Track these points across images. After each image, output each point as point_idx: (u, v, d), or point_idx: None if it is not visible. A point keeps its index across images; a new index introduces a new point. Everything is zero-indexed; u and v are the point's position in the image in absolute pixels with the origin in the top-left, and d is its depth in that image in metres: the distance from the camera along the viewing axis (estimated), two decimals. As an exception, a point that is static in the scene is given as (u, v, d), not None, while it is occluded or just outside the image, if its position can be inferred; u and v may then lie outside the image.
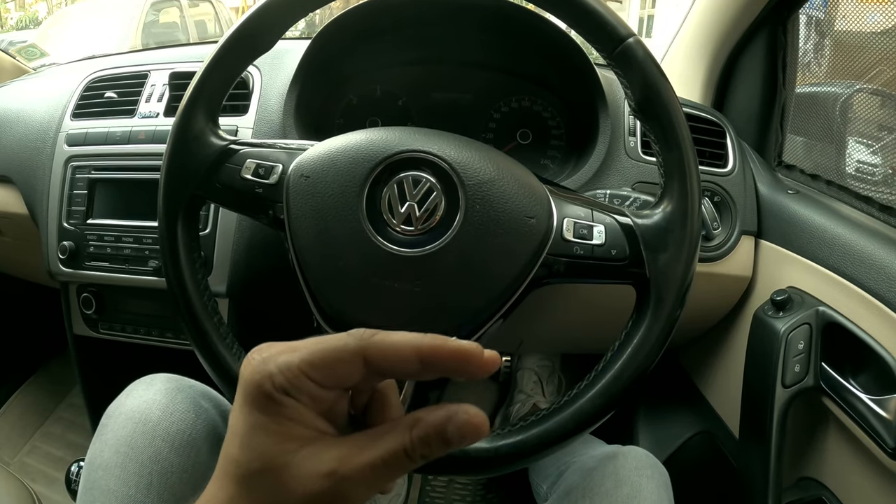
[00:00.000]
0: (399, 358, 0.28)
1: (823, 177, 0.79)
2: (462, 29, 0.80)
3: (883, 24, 0.70)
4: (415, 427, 0.28)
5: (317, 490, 0.27)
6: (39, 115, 0.90)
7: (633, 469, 0.60)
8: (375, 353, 0.28)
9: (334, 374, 0.28)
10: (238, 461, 0.28)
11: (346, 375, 0.28)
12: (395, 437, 0.28)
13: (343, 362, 0.28)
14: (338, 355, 0.28)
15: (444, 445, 0.27)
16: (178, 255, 0.53)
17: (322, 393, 0.28)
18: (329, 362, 0.28)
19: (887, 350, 0.58)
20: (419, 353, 0.28)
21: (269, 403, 0.27)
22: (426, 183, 0.48)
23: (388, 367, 0.28)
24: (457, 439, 0.27)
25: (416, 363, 0.28)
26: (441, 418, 0.27)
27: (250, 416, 0.28)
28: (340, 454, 0.27)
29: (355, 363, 0.28)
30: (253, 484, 0.27)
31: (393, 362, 0.28)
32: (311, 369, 0.28)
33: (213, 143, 0.52)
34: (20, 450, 1.28)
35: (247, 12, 0.52)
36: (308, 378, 0.28)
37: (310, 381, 0.28)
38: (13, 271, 1.22)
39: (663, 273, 0.46)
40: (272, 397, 0.27)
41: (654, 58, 0.47)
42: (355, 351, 0.28)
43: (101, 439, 0.58)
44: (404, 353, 0.28)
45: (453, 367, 0.28)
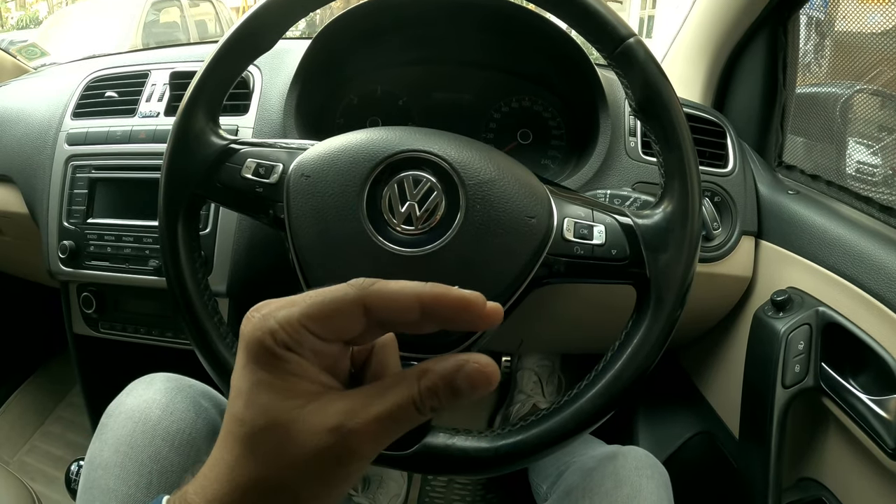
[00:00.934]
0: (400, 305, 0.27)
1: (824, 177, 0.79)
2: (463, 29, 0.80)
3: (883, 24, 0.70)
4: (423, 377, 0.27)
5: (323, 444, 0.26)
6: (40, 114, 0.90)
7: (633, 469, 0.60)
8: (376, 301, 0.27)
9: (335, 325, 0.28)
10: (242, 420, 0.27)
11: (346, 327, 0.28)
12: (403, 389, 0.27)
13: (343, 313, 0.27)
14: (337, 305, 0.27)
15: (454, 395, 0.27)
16: (178, 255, 0.53)
17: (324, 346, 0.28)
18: (329, 313, 0.27)
19: (887, 350, 0.58)
20: (420, 299, 0.27)
21: (272, 359, 0.27)
22: (427, 182, 0.48)
23: (389, 315, 0.28)
24: (467, 389, 0.27)
25: (416, 311, 0.27)
26: (451, 367, 0.27)
27: (254, 374, 0.27)
28: (346, 407, 0.27)
29: (356, 313, 0.27)
30: (258, 441, 0.27)
31: (393, 310, 0.27)
32: (312, 322, 0.27)
33: (214, 142, 0.52)
34: (20, 449, 1.28)
35: (247, 12, 0.52)
36: (309, 331, 0.27)
37: (311, 335, 0.27)
38: (13, 270, 1.22)
39: (664, 273, 0.46)
40: (274, 353, 0.27)
41: (655, 58, 0.47)
42: (355, 300, 0.27)
43: (100, 438, 0.58)
44: (405, 300, 0.27)
45: (454, 316, 0.28)
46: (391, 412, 0.27)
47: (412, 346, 0.48)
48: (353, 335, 0.28)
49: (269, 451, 0.26)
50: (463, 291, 0.28)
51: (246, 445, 0.27)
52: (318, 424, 0.26)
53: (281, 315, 0.27)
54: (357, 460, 0.27)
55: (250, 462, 0.27)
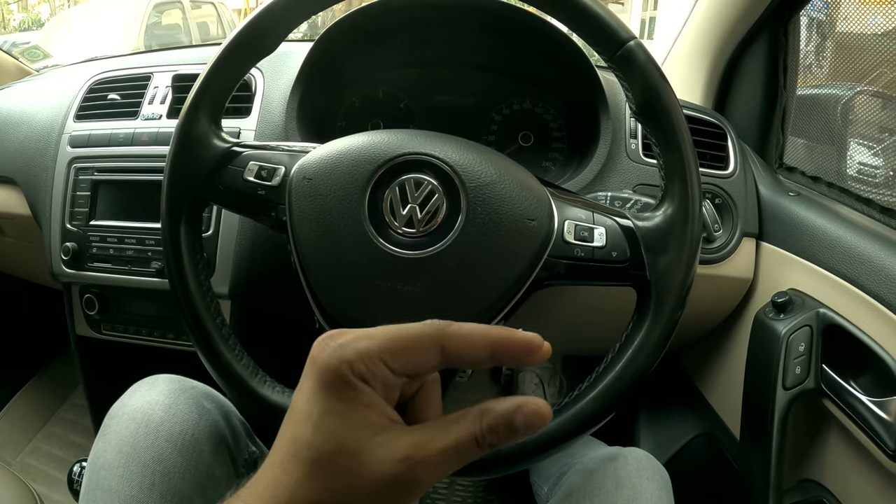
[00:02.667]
0: (473, 347, 0.29)
1: (824, 179, 0.79)
2: (464, 31, 0.80)
3: (884, 25, 0.70)
4: (485, 416, 0.29)
5: (392, 473, 0.27)
6: (42, 116, 0.91)
7: (634, 471, 0.60)
8: (452, 342, 0.29)
9: (412, 361, 0.29)
10: (311, 444, 0.28)
11: (421, 363, 0.29)
12: (467, 426, 0.29)
13: (422, 350, 0.29)
14: (417, 343, 0.29)
15: (511, 434, 0.29)
16: (180, 257, 0.53)
17: (394, 380, 0.29)
18: (408, 350, 0.29)
19: (888, 352, 0.58)
20: (493, 343, 0.30)
21: (346, 389, 0.28)
22: (428, 185, 0.48)
23: (461, 355, 0.30)
24: (523, 428, 0.28)
25: (487, 352, 0.29)
26: (511, 408, 0.29)
27: (326, 401, 0.28)
28: (414, 441, 0.28)
29: (432, 351, 0.29)
30: (325, 466, 0.28)
31: (467, 351, 0.30)
32: (390, 356, 0.29)
33: (216, 145, 0.53)
34: (22, 450, 1.28)
35: (250, 15, 0.52)
36: (386, 365, 0.29)
37: (386, 369, 0.29)
38: (16, 272, 1.22)
39: (664, 275, 0.47)
40: (350, 383, 0.28)
41: (655, 61, 0.47)
42: (434, 339, 0.29)
43: (103, 440, 0.58)
44: (479, 342, 0.30)
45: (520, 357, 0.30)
46: (456, 447, 0.28)
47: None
48: (425, 370, 0.30)
49: (335, 476, 0.28)
50: (527, 334, 0.30)
51: (311, 469, 0.28)
52: (387, 455, 0.28)
53: (361, 346, 0.29)
54: (419, 489, 0.28)
55: (314, 485, 0.28)
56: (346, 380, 0.28)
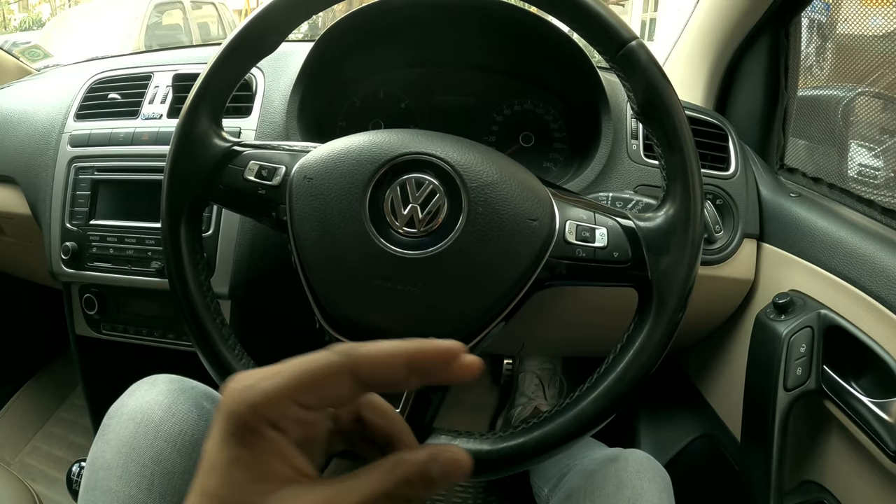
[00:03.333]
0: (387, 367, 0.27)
1: (825, 180, 0.79)
2: (465, 31, 0.80)
3: (885, 27, 0.70)
4: (396, 468, 0.26)
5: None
6: (43, 115, 0.91)
7: (635, 472, 0.60)
8: (363, 367, 0.27)
9: (322, 393, 0.27)
10: (218, 496, 0.27)
11: (334, 394, 0.27)
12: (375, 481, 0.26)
13: (331, 381, 0.27)
14: (325, 373, 0.27)
15: (428, 487, 0.26)
16: (180, 257, 0.53)
17: (307, 416, 0.27)
18: (317, 382, 0.27)
19: (889, 353, 0.58)
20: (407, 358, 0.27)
21: (251, 436, 0.26)
22: (429, 185, 0.48)
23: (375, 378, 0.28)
24: (441, 478, 0.26)
25: (403, 369, 0.27)
26: (424, 458, 0.26)
27: (231, 450, 0.26)
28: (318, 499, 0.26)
29: (343, 379, 0.27)
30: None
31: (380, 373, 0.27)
32: (299, 393, 0.27)
33: (217, 144, 0.52)
34: (21, 450, 1.28)
35: (250, 15, 0.52)
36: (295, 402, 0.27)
37: (296, 406, 0.27)
38: (15, 271, 1.22)
39: (665, 276, 0.46)
40: (254, 429, 0.26)
41: (657, 61, 0.47)
42: (342, 366, 0.27)
43: (102, 440, 0.58)
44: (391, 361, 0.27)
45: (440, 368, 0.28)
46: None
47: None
48: (339, 401, 0.29)
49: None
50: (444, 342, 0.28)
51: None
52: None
53: (266, 387, 0.26)
54: None
55: None
56: (252, 427, 0.26)
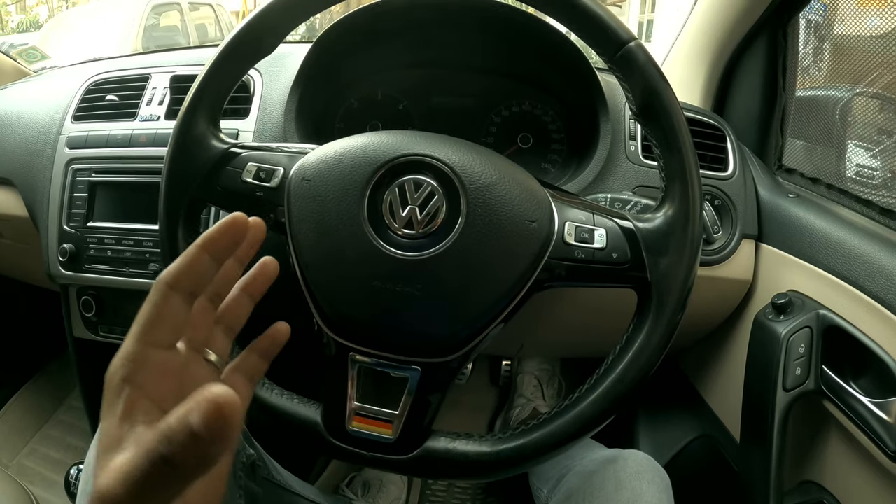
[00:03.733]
0: (188, 259, 0.31)
1: (824, 180, 0.79)
2: (463, 32, 0.80)
3: (882, 27, 0.70)
4: (160, 428, 0.24)
5: (101, 486, 0.25)
6: (40, 117, 0.91)
7: (634, 473, 0.60)
8: (171, 274, 0.30)
9: (164, 321, 0.30)
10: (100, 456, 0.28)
11: (172, 315, 0.31)
12: (144, 439, 0.25)
13: (160, 306, 0.30)
14: (151, 303, 0.30)
15: (196, 443, 0.23)
16: None
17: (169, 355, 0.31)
18: (152, 317, 0.30)
19: (888, 353, 0.58)
20: (200, 246, 0.31)
21: (115, 399, 0.29)
22: (427, 186, 0.48)
23: (187, 278, 0.31)
24: (205, 430, 0.23)
25: (205, 256, 0.31)
26: (182, 411, 0.23)
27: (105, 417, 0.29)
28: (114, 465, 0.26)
29: (167, 296, 0.30)
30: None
31: (187, 271, 0.31)
32: (147, 336, 0.30)
33: (214, 146, 0.52)
34: (19, 452, 1.28)
35: (248, 16, 0.52)
36: (151, 345, 0.30)
37: (154, 348, 0.30)
38: (13, 273, 1.22)
39: (664, 277, 0.46)
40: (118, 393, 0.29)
41: (656, 62, 0.47)
42: (159, 288, 0.30)
43: (100, 442, 0.58)
44: (189, 253, 0.31)
45: (228, 242, 0.32)
46: (130, 467, 0.25)
47: (412, 350, 0.48)
48: (181, 319, 0.31)
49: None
50: (224, 220, 0.32)
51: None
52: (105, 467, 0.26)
53: (122, 349, 0.29)
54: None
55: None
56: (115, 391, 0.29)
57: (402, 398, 0.48)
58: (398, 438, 0.48)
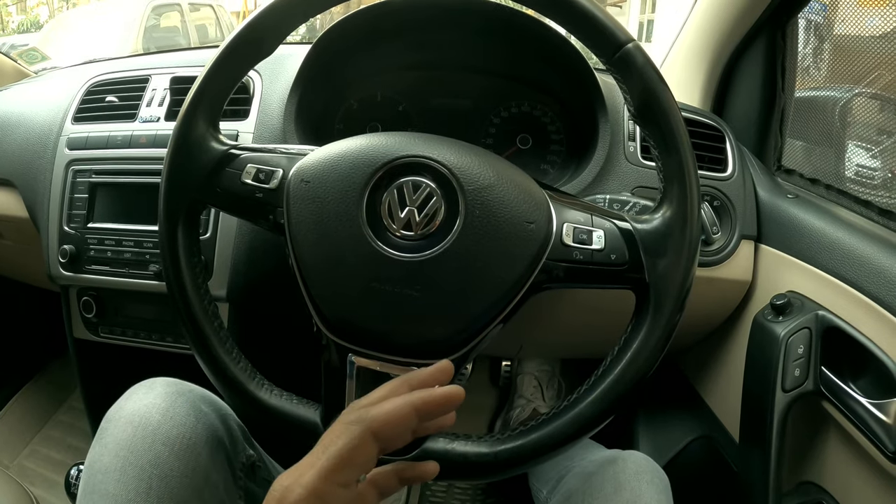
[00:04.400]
0: (400, 418, 0.32)
1: (823, 181, 0.79)
2: (462, 34, 0.80)
3: (882, 28, 0.70)
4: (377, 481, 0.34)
5: None
6: (41, 118, 0.91)
7: (633, 474, 0.60)
8: (380, 424, 0.31)
9: (356, 465, 0.31)
10: None
11: (366, 461, 0.32)
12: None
13: (359, 449, 0.31)
14: (353, 445, 0.31)
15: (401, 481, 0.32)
16: (178, 260, 0.53)
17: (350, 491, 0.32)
18: (348, 457, 0.31)
19: (887, 354, 0.58)
20: (415, 408, 0.32)
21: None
22: (426, 188, 0.48)
23: (393, 433, 0.32)
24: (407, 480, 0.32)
25: (414, 418, 0.32)
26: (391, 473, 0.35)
27: None
28: None
29: (369, 443, 0.31)
30: None
31: (395, 425, 0.32)
32: (336, 475, 0.31)
33: (214, 147, 0.52)
34: (20, 453, 1.28)
35: (248, 17, 0.52)
36: (336, 484, 0.31)
37: (338, 486, 0.31)
38: (14, 274, 1.22)
39: (663, 278, 0.46)
40: None
41: (654, 63, 0.47)
42: (364, 432, 0.31)
43: (100, 443, 0.58)
44: (403, 411, 0.32)
45: (443, 412, 0.33)
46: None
47: (411, 351, 0.48)
48: (371, 465, 0.32)
49: None
50: (443, 389, 0.33)
51: None
52: None
53: (305, 480, 0.30)
54: None
55: None
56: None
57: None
58: None
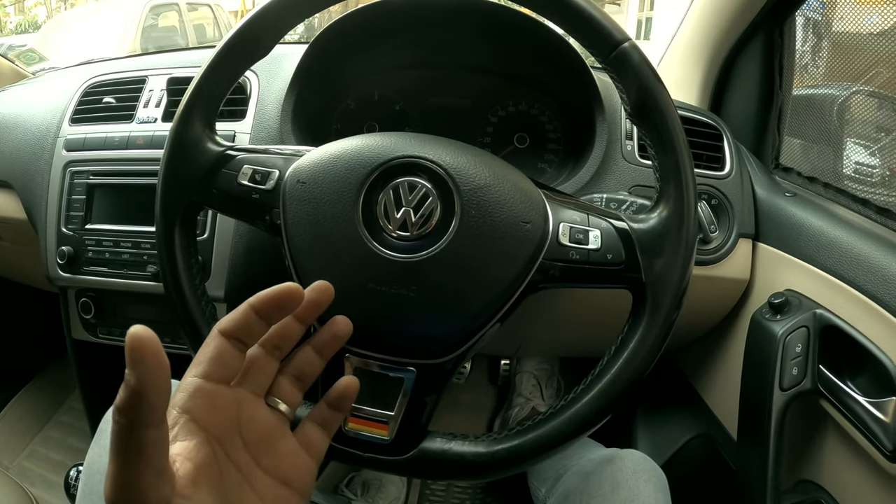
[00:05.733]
0: (239, 316, 0.36)
1: (821, 179, 0.79)
2: (460, 33, 0.80)
3: (880, 25, 0.70)
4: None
5: None
6: (38, 120, 0.91)
7: (631, 472, 0.60)
8: (226, 324, 0.36)
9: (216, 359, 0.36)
10: None
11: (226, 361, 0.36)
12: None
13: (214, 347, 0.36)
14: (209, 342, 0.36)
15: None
16: (175, 261, 0.53)
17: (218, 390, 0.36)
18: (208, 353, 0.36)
19: (885, 352, 0.58)
20: (250, 304, 0.37)
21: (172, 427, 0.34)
22: (422, 188, 0.48)
23: (239, 330, 0.37)
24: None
25: (252, 315, 0.36)
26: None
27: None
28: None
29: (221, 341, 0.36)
30: None
31: (238, 323, 0.36)
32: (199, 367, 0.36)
33: (211, 149, 0.52)
34: (20, 454, 1.28)
35: (245, 17, 0.52)
36: (204, 377, 0.35)
37: (206, 381, 0.35)
38: (12, 276, 1.22)
39: (659, 277, 0.46)
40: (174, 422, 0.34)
41: (650, 62, 0.47)
42: (216, 331, 0.36)
43: (100, 444, 0.58)
44: (242, 310, 0.36)
45: (279, 305, 0.37)
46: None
47: (408, 351, 0.48)
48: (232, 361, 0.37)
49: None
50: (278, 286, 0.37)
51: None
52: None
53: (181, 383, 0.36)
54: None
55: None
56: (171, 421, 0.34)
57: (398, 399, 0.48)
58: (394, 439, 0.48)
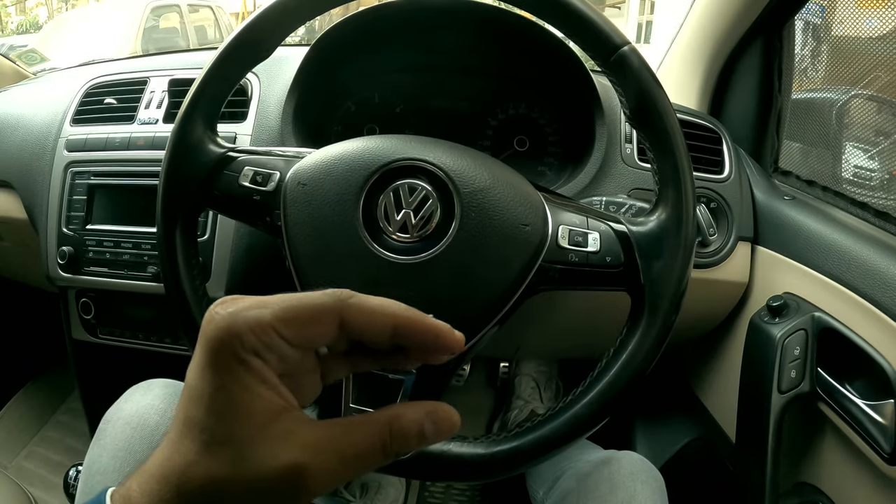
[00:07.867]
0: (375, 321, 0.28)
1: (819, 183, 0.79)
2: (461, 36, 0.80)
3: (879, 29, 0.71)
4: (395, 422, 0.27)
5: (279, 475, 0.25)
6: (39, 120, 0.91)
7: (628, 474, 0.60)
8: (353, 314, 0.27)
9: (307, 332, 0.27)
10: (202, 426, 0.26)
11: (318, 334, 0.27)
12: (374, 431, 0.27)
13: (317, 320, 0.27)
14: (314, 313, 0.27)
15: (421, 441, 0.27)
16: (176, 262, 0.53)
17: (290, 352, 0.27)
18: (304, 320, 0.27)
19: (883, 355, 0.58)
20: (395, 320, 0.28)
21: (235, 364, 0.26)
22: (422, 191, 0.48)
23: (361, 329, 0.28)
24: (432, 435, 0.27)
25: (389, 330, 0.28)
26: (422, 413, 0.27)
27: (216, 378, 0.26)
28: (311, 441, 0.26)
29: (330, 322, 0.27)
30: (216, 451, 0.25)
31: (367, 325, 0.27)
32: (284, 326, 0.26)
33: (212, 150, 0.53)
34: (18, 454, 1.28)
35: (246, 19, 0.53)
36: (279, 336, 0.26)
37: (281, 339, 0.26)
38: (12, 276, 1.22)
39: (658, 280, 0.47)
40: (239, 357, 0.26)
41: (649, 66, 0.48)
42: (333, 308, 0.27)
43: (99, 444, 0.58)
44: (381, 317, 0.28)
45: (425, 342, 0.28)
46: (357, 454, 0.26)
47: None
48: (322, 343, 0.28)
49: (224, 463, 0.25)
50: (436, 321, 0.28)
51: (202, 452, 0.26)
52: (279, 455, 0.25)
53: (251, 316, 0.26)
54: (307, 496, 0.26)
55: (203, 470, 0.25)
56: (235, 353, 0.25)
57: (398, 401, 0.48)
58: None
